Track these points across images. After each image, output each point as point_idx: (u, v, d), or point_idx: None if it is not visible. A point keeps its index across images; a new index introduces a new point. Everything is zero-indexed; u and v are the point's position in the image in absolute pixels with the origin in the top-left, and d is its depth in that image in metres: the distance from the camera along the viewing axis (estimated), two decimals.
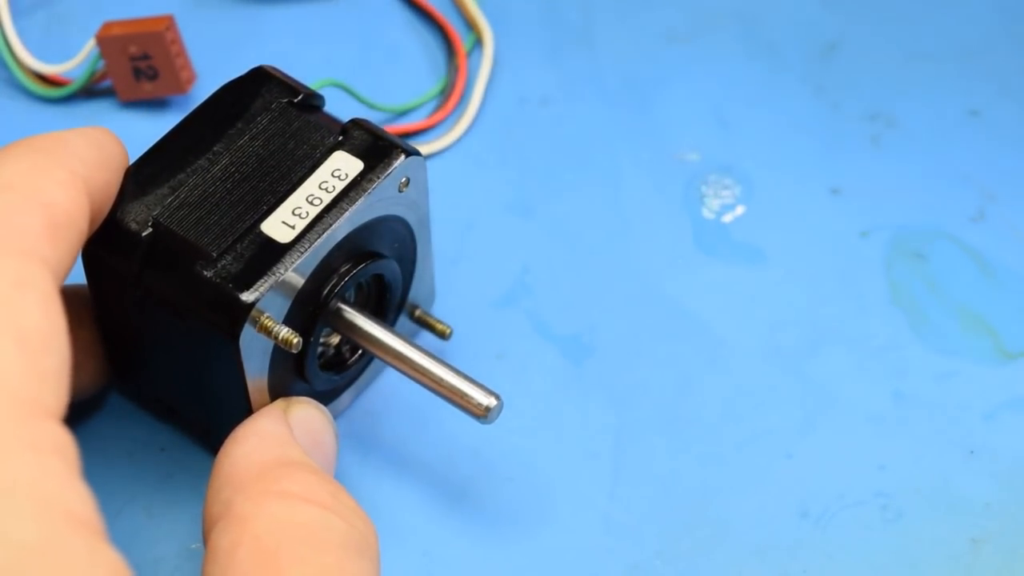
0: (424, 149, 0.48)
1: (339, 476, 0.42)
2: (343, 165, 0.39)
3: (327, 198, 0.39)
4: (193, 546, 0.40)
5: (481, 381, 0.39)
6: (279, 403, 0.39)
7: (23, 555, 0.28)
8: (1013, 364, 0.45)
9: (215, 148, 0.39)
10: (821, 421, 0.44)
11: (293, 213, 0.38)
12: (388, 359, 0.40)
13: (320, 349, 0.41)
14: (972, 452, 0.43)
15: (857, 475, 0.43)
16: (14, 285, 0.32)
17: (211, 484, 0.36)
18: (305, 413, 0.39)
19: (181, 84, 0.48)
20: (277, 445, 0.37)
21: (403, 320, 0.43)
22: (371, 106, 0.49)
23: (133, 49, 0.47)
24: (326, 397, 0.41)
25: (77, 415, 0.42)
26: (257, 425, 0.38)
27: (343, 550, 0.34)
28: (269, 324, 0.37)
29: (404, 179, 0.40)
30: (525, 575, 0.41)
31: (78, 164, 0.36)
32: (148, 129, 0.44)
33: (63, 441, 0.30)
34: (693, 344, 0.45)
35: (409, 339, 0.40)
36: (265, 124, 0.40)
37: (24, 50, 0.49)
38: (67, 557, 0.28)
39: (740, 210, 0.48)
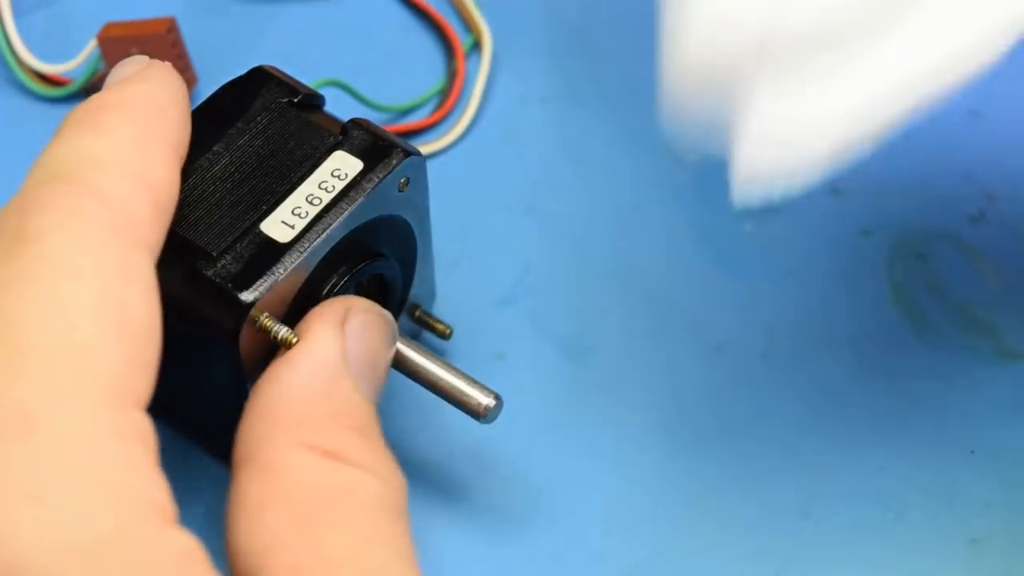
0: (424, 149, 0.48)
1: None
2: (343, 165, 0.39)
3: (327, 198, 0.39)
4: None
5: (481, 381, 0.39)
6: (338, 307, 0.37)
7: (100, 541, 0.29)
8: (1013, 364, 0.45)
9: (215, 148, 0.39)
10: (821, 421, 0.44)
11: (293, 213, 0.38)
12: None
13: None
14: (972, 452, 0.43)
15: (857, 475, 0.43)
16: (121, 276, 0.32)
17: (250, 405, 0.35)
18: (364, 323, 0.37)
19: None
20: (326, 379, 0.36)
21: (403, 320, 0.43)
22: (371, 106, 0.49)
23: (134, 51, 0.47)
24: None
25: None
26: (313, 348, 0.36)
27: (380, 512, 0.34)
28: (269, 324, 0.37)
29: (404, 179, 0.40)
30: (525, 575, 0.41)
31: (172, 132, 0.35)
32: None
33: (146, 429, 0.31)
34: (693, 344, 0.45)
35: (409, 339, 0.40)
36: (265, 124, 0.40)
37: (25, 49, 0.49)
38: (140, 543, 0.30)
39: (740, 209, 0.48)
